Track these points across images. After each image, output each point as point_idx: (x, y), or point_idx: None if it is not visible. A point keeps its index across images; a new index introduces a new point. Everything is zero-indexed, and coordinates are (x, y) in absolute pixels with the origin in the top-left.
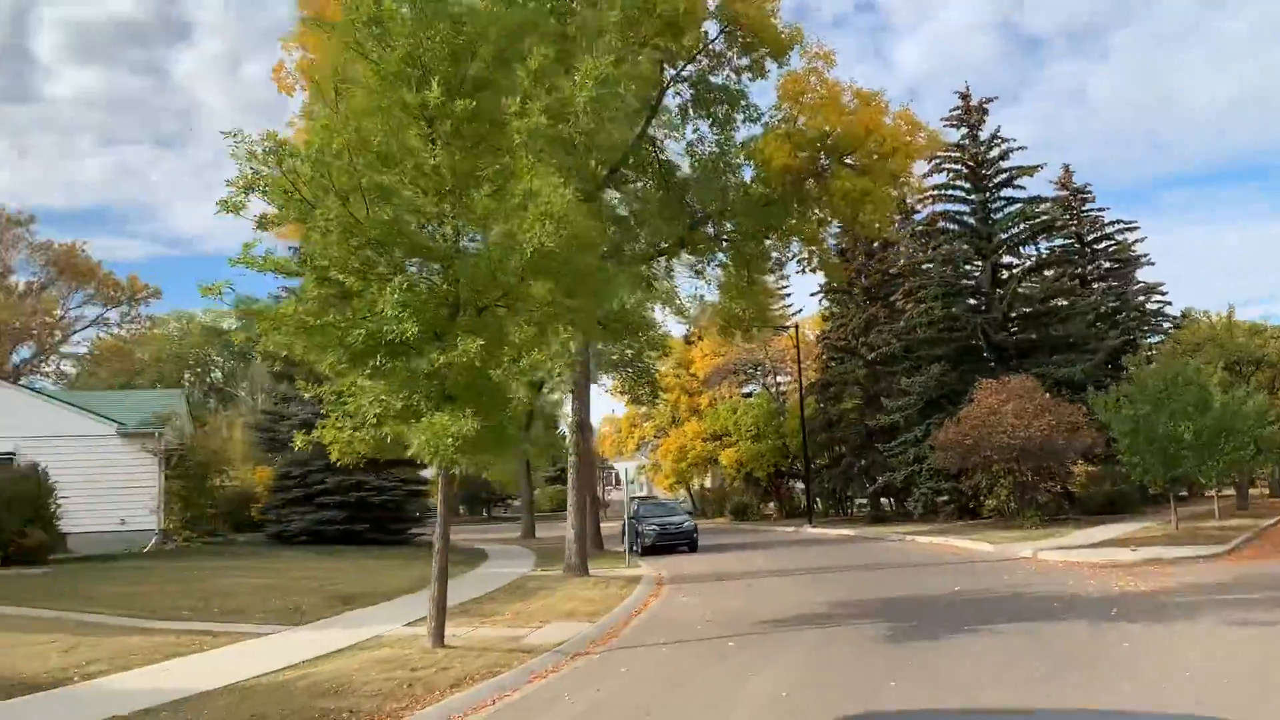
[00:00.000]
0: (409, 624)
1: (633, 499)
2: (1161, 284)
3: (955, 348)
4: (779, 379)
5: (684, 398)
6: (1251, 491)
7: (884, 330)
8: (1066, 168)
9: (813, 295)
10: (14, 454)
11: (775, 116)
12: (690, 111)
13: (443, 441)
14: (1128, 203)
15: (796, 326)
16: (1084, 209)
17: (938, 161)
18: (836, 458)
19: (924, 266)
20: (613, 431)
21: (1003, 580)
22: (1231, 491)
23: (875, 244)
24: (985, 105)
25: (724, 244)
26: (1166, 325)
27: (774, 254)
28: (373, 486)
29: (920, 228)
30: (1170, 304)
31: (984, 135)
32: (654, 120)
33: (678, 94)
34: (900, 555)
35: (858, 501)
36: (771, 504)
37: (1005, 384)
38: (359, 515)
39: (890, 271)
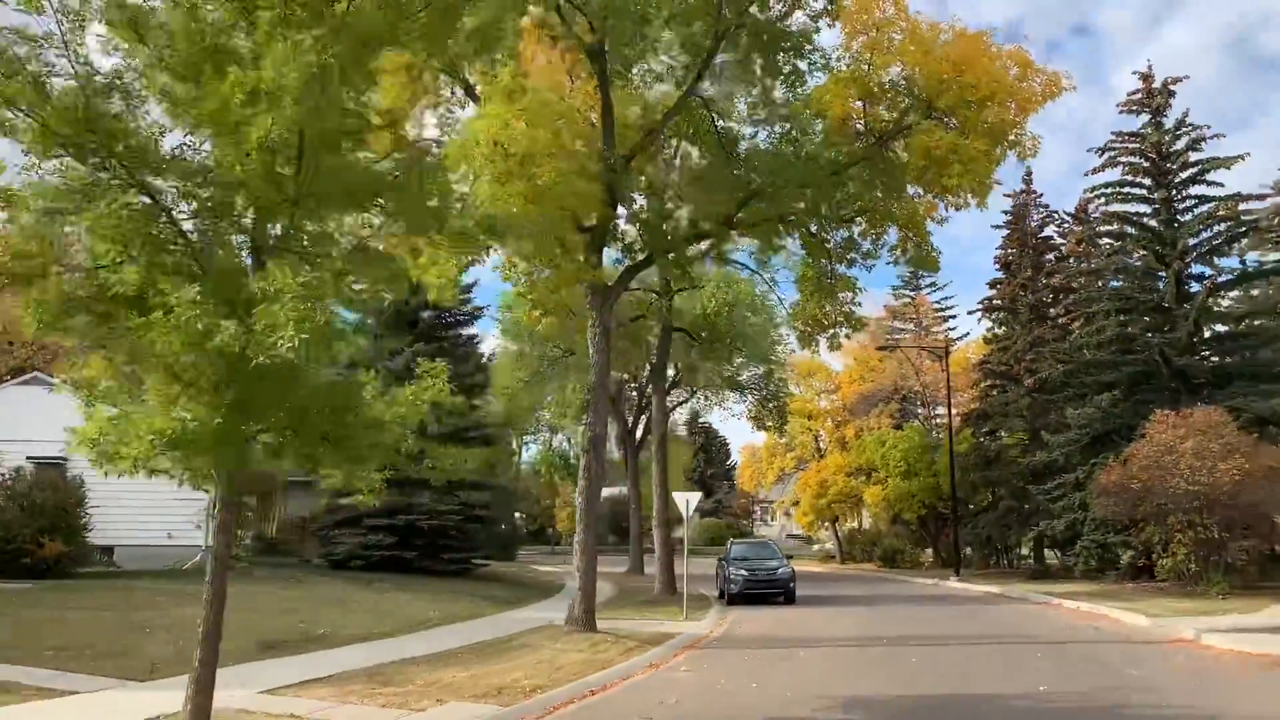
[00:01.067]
0: (265, 690)
1: (731, 540)
2: None
3: (1129, 373)
4: (937, 410)
5: (829, 427)
6: None
7: (1051, 353)
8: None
9: (970, 313)
10: (65, 459)
11: (841, 59)
12: (751, 63)
13: (125, 440)
14: None
15: (947, 349)
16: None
17: (1112, 154)
18: (994, 501)
19: (1093, 277)
20: (752, 461)
21: (1129, 676)
22: None
23: (1046, 255)
24: (1171, 86)
25: (789, 224)
26: None
27: (865, 241)
28: (425, 509)
29: (1092, 231)
30: None
31: (1169, 123)
32: (705, 75)
33: (733, 46)
34: (1029, 624)
35: (1021, 552)
36: (928, 550)
37: (1185, 417)
38: (409, 540)
39: (1057, 285)
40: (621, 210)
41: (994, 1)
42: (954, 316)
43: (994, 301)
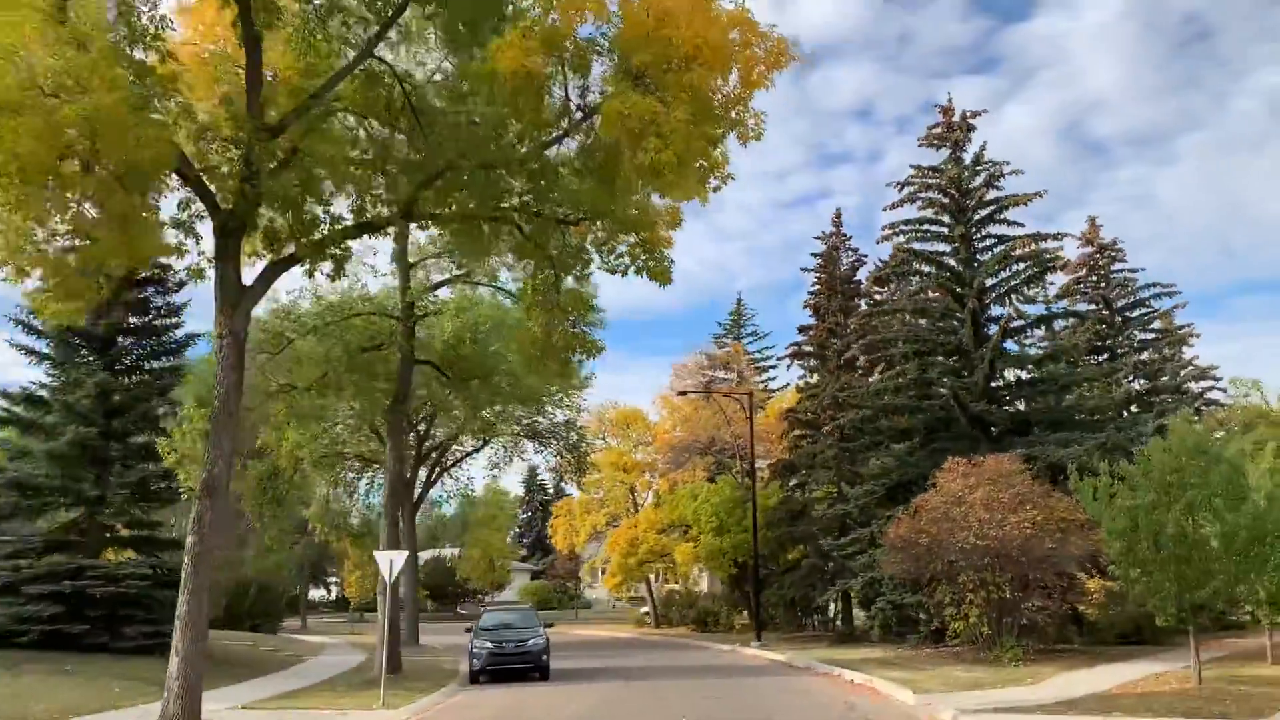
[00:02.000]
0: None
1: (485, 608)
2: (1216, 367)
3: (925, 419)
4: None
5: (644, 480)
6: None
7: (849, 399)
8: (1092, 220)
9: (780, 359)
10: None
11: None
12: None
13: None
14: (1199, 307)
15: (750, 395)
16: (1113, 270)
17: (912, 189)
18: (800, 558)
19: (891, 318)
20: (567, 518)
21: None
22: None
23: (856, 300)
24: (971, 120)
25: (495, 222)
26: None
27: (596, 251)
28: (100, 574)
29: (889, 270)
30: (1225, 391)
31: (968, 158)
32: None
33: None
34: (784, 702)
35: (829, 614)
36: (745, 612)
37: (976, 465)
38: (80, 611)
39: (860, 328)
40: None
41: (849, 83)
42: (773, 366)
43: (803, 348)
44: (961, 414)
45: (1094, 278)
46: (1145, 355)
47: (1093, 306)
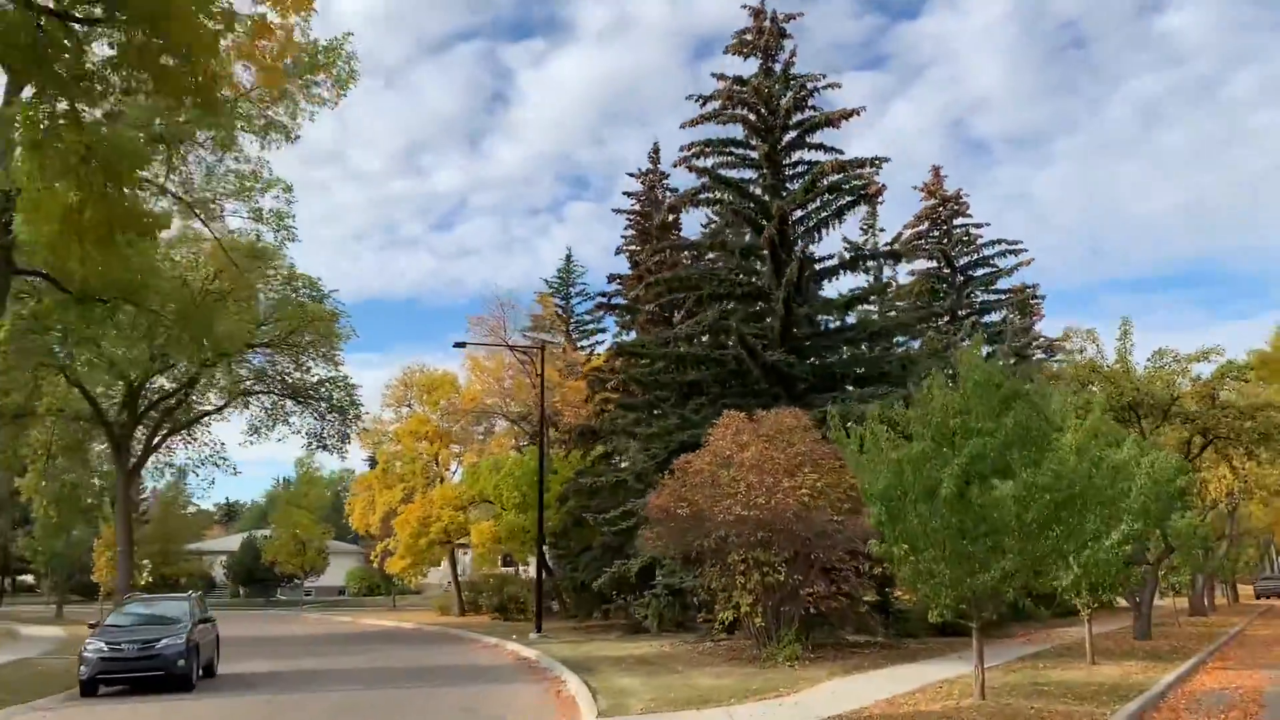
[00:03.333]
0: None
1: (128, 597)
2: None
3: (716, 372)
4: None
5: (447, 453)
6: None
7: (647, 352)
8: (936, 169)
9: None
10: None
11: None
12: None
13: None
14: (1070, 304)
15: (543, 347)
16: (955, 224)
17: (715, 106)
18: (596, 537)
19: (692, 256)
20: (366, 495)
21: None
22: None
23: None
24: (784, 23)
25: None
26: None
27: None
28: None
29: (686, 199)
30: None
31: (779, 68)
32: None
33: None
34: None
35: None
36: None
37: (754, 420)
38: None
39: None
40: None
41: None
42: (603, 329)
43: (612, 300)
44: (753, 364)
45: (935, 232)
46: (990, 318)
47: (932, 263)
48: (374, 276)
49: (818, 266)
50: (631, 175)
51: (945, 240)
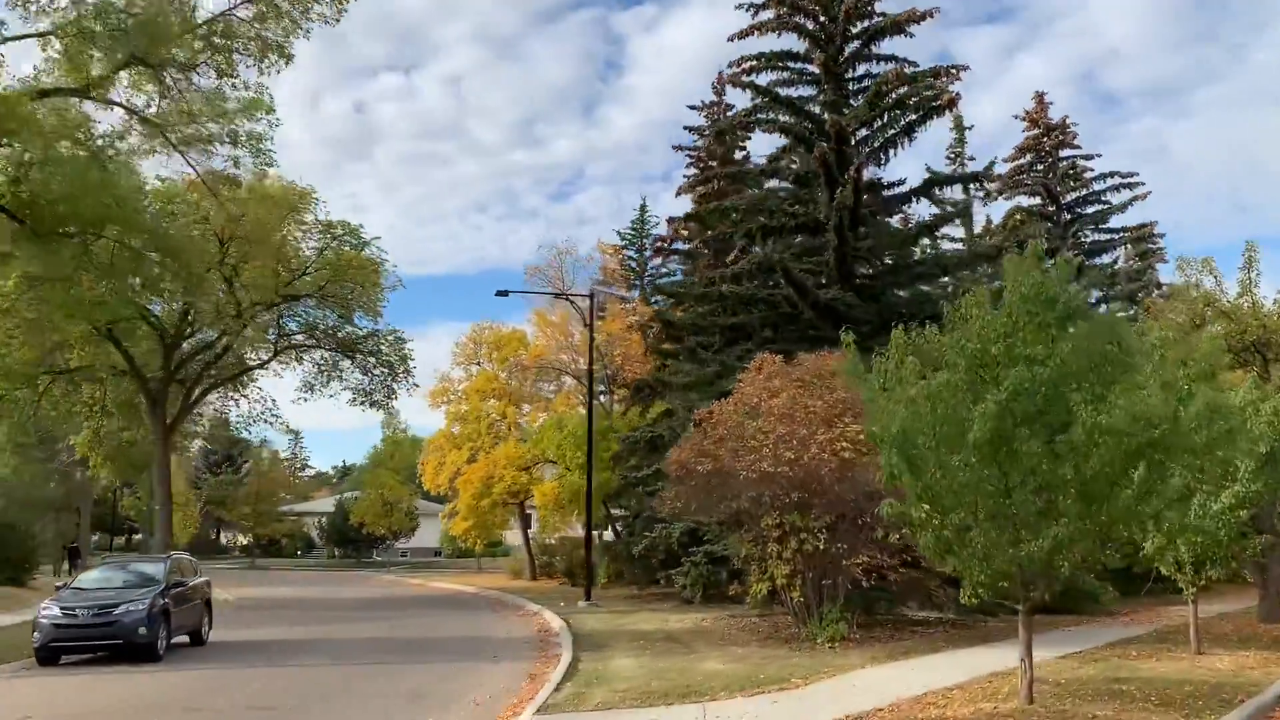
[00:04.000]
0: None
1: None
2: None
3: (764, 315)
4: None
5: (512, 410)
6: None
7: (693, 294)
8: (1040, 95)
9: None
10: None
11: None
12: None
13: None
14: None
15: (592, 295)
16: (1061, 156)
17: (769, 15)
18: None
19: (741, 185)
20: (437, 455)
21: None
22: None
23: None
24: None
25: None
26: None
27: None
28: None
29: (738, 121)
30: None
31: None
32: None
33: None
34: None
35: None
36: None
37: (790, 362)
38: None
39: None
40: None
41: None
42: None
43: (670, 244)
44: (803, 302)
45: (1039, 166)
46: (1102, 259)
47: (1035, 200)
48: (494, 246)
49: (886, 194)
50: (693, 108)
51: (1050, 174)
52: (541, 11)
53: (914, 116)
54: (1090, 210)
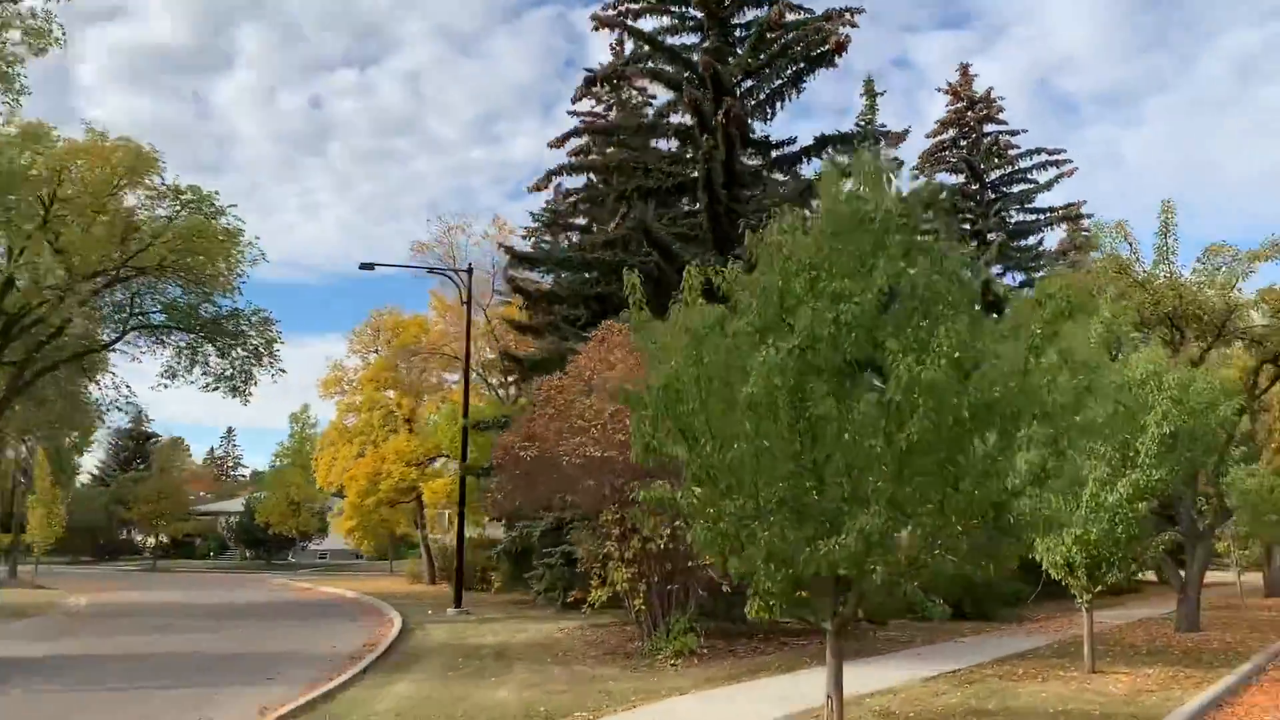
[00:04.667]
0: None
1: None
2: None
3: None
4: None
5: (406, 400)
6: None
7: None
8: (965, 68)
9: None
10: None
11: None
12: None
13: None
14: None
15: (470, 269)
16: (985, 131)
17: None
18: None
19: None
20: (331, 450)
21: None
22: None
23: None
24: None
25: None
26: None
27: None
28: None
29: (613, 70)
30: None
31: None
32: None
33: None
34: None
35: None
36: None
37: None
38: None
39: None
40: None
41: None
42: None
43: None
44: (669, 267)
45: (963, 142)
46: (1026, 242)
47: (959, 178)
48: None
49: (776, 154)
50: (589, 70)
51: (974, 150)
52: (502, 8)
53: (801, 64)
54: (1016, 189)
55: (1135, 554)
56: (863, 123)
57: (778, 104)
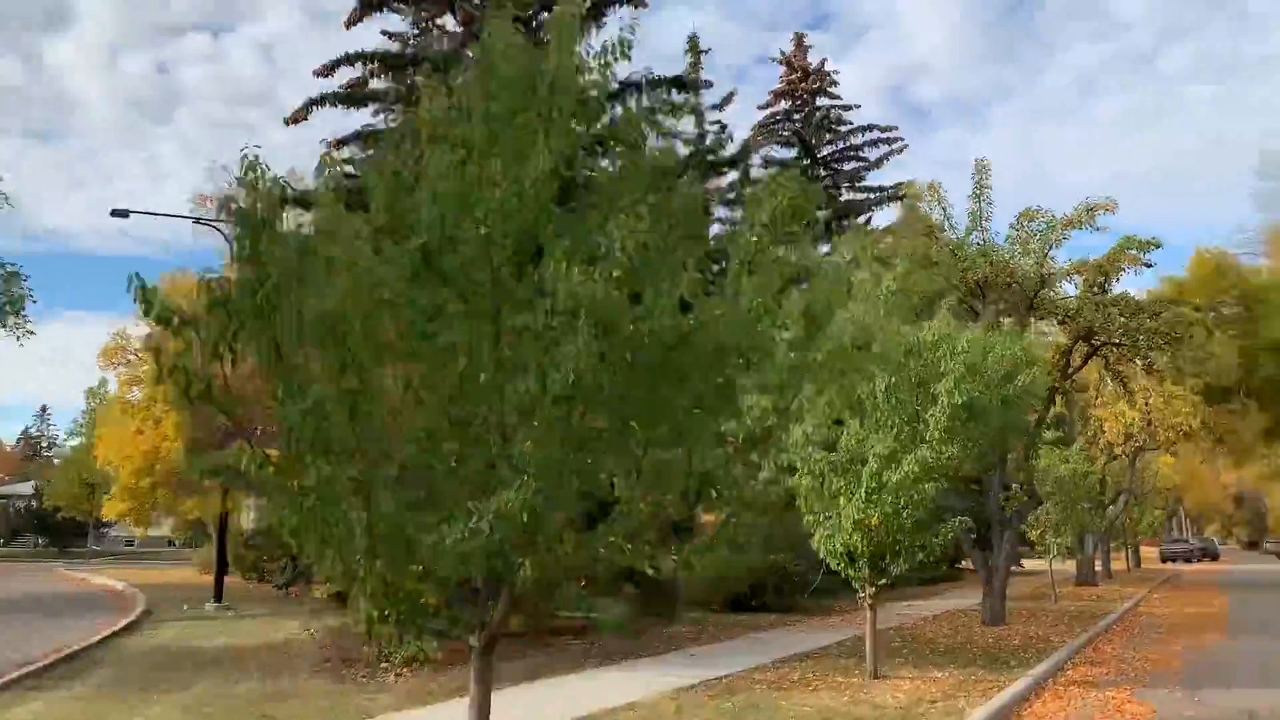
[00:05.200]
0: None
1: None
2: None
3: None
4: None
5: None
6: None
7: None
8: (799, 36)
9: None
10: None
11: None
12: None
13: None
14: None
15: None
16: (818, 105)
17: None
18: None
19: None
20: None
21: None
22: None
23: None
24: None
25: None
26: None
27: None
28: None
29: None
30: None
31: None
32: None
33: None
34: None
35: None
36: None
37: None
38: None
39: None
40: None
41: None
42: None
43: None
44: None
45: (797, 116)
46: (859, 220)
47: (791, 154)
48: None
49: None
50: None
51: (806, 124)
52: None
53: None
54: (848, 167)
55: (925, 542)
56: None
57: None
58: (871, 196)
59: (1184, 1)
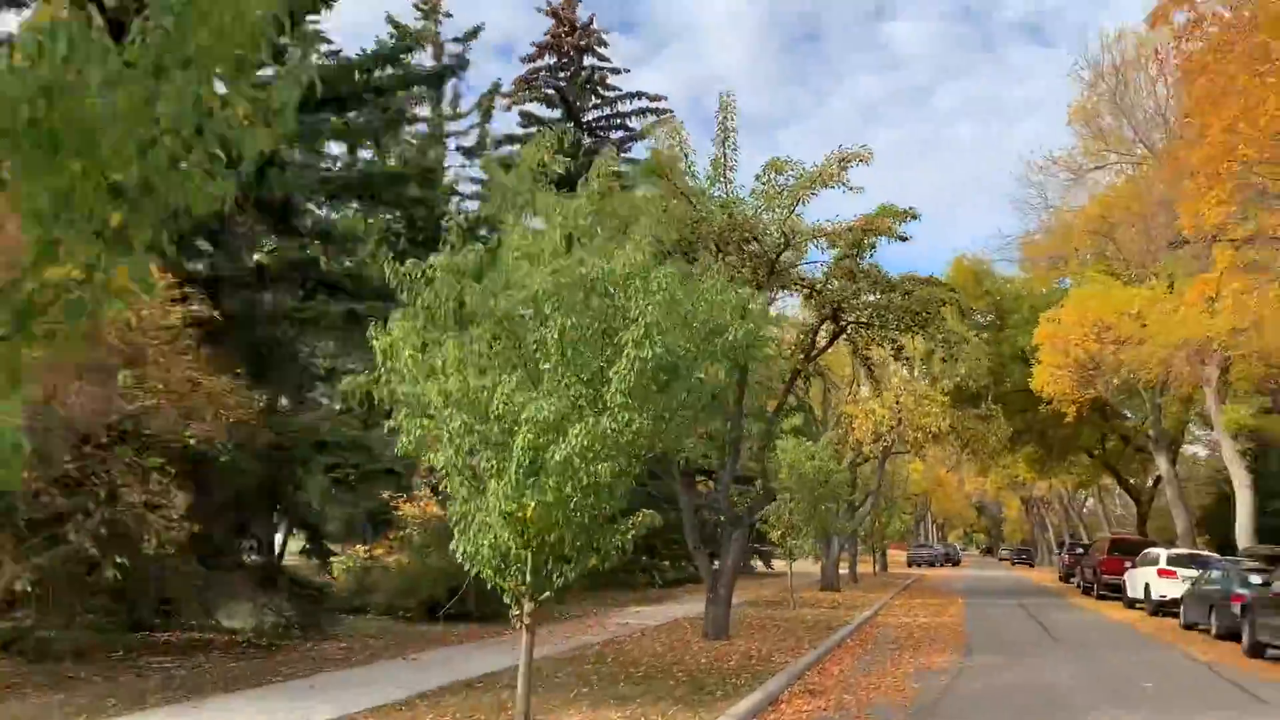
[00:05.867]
0: None
1: None
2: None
3: None
4: None
5: None
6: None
7: None
8: None
9: None
10: None
11: None
12: None
13: None
14: None
15: None
16: (583, 65)
17: None
18: None
19: None
20: None
21: None
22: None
23: None
24: None
25: None
26: None
27: None
28: None
29: None
30: None
31: None
32: None
33: None
34: None
35: None
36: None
37: None
38: None
39: None
40: None
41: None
42: None
43: None
44: None
45: (562, 74)
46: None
47: (554, 114)
48: None
49: None
50: None
51: (571, 83)
52: None
53: None
54: (615, 135)
55: (600, 544)
56: (423, 6)
57: None
58: (637, 169)
59: (957, 43)
